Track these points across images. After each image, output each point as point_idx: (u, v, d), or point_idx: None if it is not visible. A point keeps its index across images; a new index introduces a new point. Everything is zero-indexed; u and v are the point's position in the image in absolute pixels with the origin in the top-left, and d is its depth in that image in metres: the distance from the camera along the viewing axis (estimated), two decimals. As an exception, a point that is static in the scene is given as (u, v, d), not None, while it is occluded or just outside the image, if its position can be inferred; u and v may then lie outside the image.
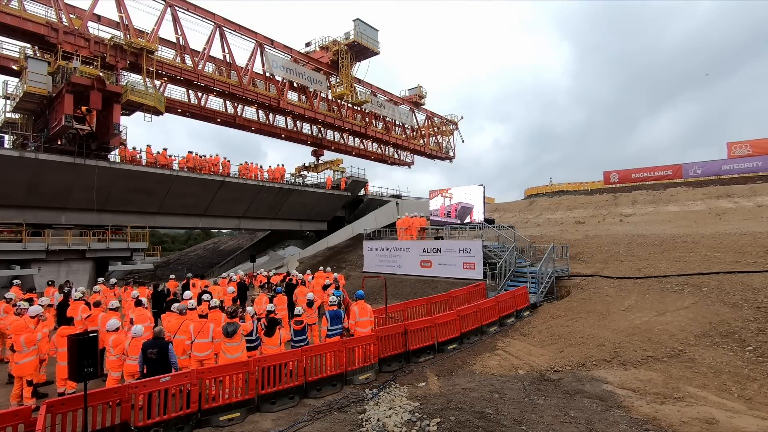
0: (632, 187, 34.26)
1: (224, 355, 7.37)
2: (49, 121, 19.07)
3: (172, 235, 63.68)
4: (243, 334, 7.68)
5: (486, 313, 11.23)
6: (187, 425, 6.10)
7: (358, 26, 29.29)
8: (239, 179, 25.37)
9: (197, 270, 30.90)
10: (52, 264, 19.71)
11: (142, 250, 23.02)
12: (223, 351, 7.42)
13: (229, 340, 7.39)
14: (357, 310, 9.17)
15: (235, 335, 7.41)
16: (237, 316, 7.84)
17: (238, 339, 7.46)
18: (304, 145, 34.89)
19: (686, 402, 6.37)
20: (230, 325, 7.46)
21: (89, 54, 19.08)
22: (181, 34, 22.47)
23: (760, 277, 10.70)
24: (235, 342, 7.42)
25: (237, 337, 7.44)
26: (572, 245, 17.39)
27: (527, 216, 30.07)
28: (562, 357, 8.72)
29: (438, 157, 43.55)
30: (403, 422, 5.86)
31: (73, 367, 4.97)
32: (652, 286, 11.78)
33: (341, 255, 27.10)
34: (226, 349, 7.41)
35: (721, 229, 16.91)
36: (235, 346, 7.42)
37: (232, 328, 7.41)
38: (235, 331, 7.40)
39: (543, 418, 5.83)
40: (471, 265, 16.50)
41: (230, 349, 7.40)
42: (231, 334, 7.37)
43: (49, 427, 5.08)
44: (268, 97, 27.01)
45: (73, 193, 19.86)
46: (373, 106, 33.97)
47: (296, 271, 20.14)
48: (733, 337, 8.39)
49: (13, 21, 17.42)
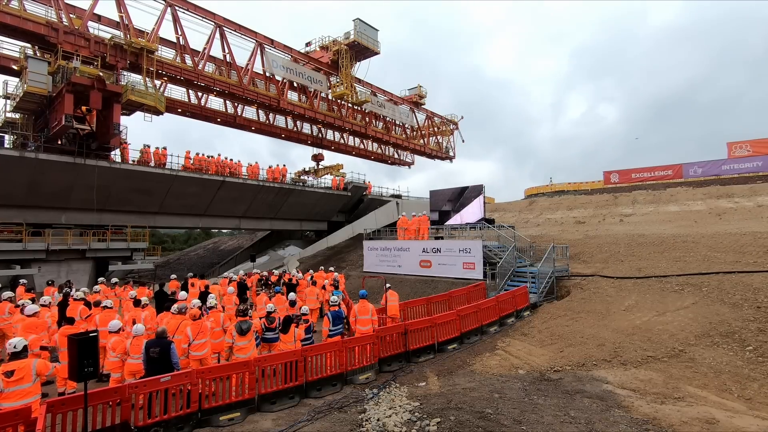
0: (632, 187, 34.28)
1: (235, 354, 7.46)
2: (50, 121, 19.07)
3: (172, 234, 63.71)
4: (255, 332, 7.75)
5: (486, 313, 11.23)
6: (187, 425, 6.10)
7: (358, 26, 29.27)
8: (239, 179, 25.38)
9: (197, 270, 30.88)
10: (52, 264, 19.71)
11: (142, 249, 23.04)
12: (234, 351, 7.52)
13: (241, 339, 7.47)
14: (357, 309, 9.35)
15: (248, 333, 7.49)
16: (248, 315, 7.94)
17: (249, 337, 7.54)
18: (305, 145, 34.91)
19: (686, 402, 6.36)
20: (244, 323, 7.56)
21: (89, 54, 19.08)
22: (181, 34, 22.47)
23: (760, 277, 10.69)
24: (246, 340, 7.51)
25: (249, 335, 7.52)
26: (572, 245, 17.38)
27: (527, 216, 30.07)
28: (562, 357, 8.71)
29: (438, 157, 43.54)
30: (403, 422, 5.86)
31: (73, 367, 4.97)
32: (652, 286, 11.77)
33: (341, 255, 27.09)
34: (237, 348, 7.50)
35: (722, 229, 16.90)
36: (246, 345, 7.51)
37: (246, 326, 7.51)
38: (248, 329, 7.51)
39: (543, 418, 5.83)
40: (471, 265, 16.50)
41: (241, 348, 7.49)
42: (245, 332, 7.47)
43: (49, 427, 5.08)
44: (268, 97, 27.01)
45: (74, 192, 19.86)
46: (373, 106, 33.96)
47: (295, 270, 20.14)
48: (733, 337, 8.38)
49: (13, 21, 17.41)
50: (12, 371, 5.12)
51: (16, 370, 5.14)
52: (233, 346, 7.61)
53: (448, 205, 20.23)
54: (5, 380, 5.05)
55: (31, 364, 5.28)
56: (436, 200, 20.92)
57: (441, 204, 20.60)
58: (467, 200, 19.40)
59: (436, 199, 20.96)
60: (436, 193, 21.11)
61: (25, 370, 5.19)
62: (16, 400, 5.06)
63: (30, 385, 5.23)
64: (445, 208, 20.36)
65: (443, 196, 20.66)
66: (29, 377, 5.21)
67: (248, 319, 7.76)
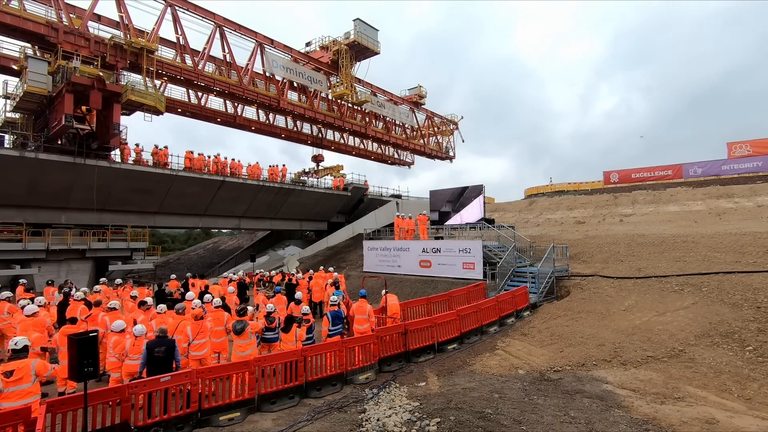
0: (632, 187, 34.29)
1: (235, 353, 7.52)
2: (49, 120, 19.06)
3: (172, 234, 63.70)
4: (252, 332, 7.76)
5: (486, 312, 11.23)
6: (187, 425, 6.10)
7: (358, 26, 29.28)
8: (239, 179, 25.37)
9: (197, 270, 30.85)
10: (52, 264, 19.71)
11: (142, 249, 23.03)
12: (235, 350, 7.56)
13: (238, 338, 7.51)
14: (355, 308, 9.56)
15: (244, 333, 7.52)
16: (246, 315, 7.97)
17: (246, 337, 7.57)
18: (305, 145, 34.92)
19: (686, 402, 6.36)
20: (239, 323, 7.59)
21: (89, 54, 19.07)
22: (181, 34, 22.47)
23: (760, 277, 10.69)
24: (244, 340, 7.55)
25: (245, 335, 7.55)
26: (572, 245, 17.38)
27: (527, 216, 30.07)
28: (562, 357, 8.71)
29: (438, 157, 43.54)
30: (403, 422, 5.86)
31: (73, 367, 4.96)
32: (652, 286, 11.77)
33: (341, 255, 27.09)
34: (236, 347, 7.56)
35: (721, 229, 16.90)
36: (244, 344, 7.56)
37: (240, 326, 7.52)
38: (243, 329, 7.53)
39: (543, 418, 5.83)
40: (471, 265, 16.49)
41: (240, 347, 7.54)
42: (239, 332, 7.50)
43: (49, 427, 5.08)
44: (268, 96, 27.00)
45: (73, 192, 19.86)
46: (373, 106, 33.97)
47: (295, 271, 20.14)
48: (733, 337, 8.38)
49: (13, 21, 17.41)
50: (11, 371, 5.13)
51: (15, 370, 5.14)
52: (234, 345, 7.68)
53: (448, 206, 20.22)
54: (5, 380, 5.06)
55: (30, 364, 5.28)
56: (436, 200, 20.90)
57: (441, 204, 20.59)
58: (467, 200, 19.39)
59: (436, 199, 20.95)
60: (436, 193, 21.10)
61: (24, 370, 5.19)
62: (15, 400, 5.07)
63: (29, 385, 5.23)
64: (445, 208, 20.35)
65: (443, 196, 20.65)
66: (29, 377, 5.21)
67: (244, 319, 7.78)
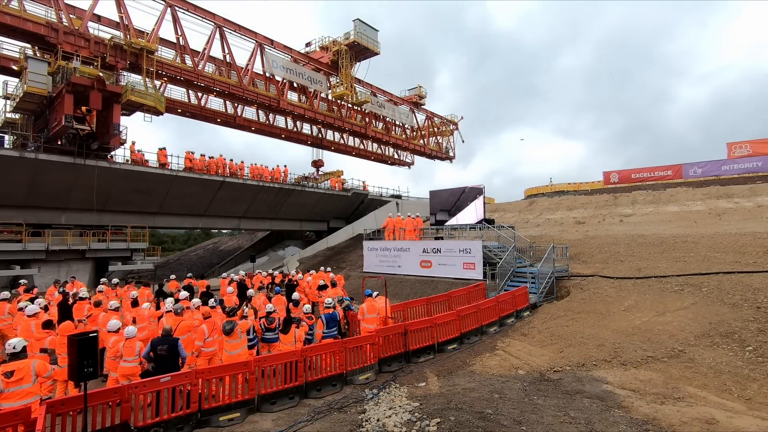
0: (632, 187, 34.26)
1: (225, 352, 7.50)
2: (49, 121, 19.07)
3: (172, 235, 63.68)
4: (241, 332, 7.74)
5: (486, 313, 11.23)
6: (187, 425, 6.10)
7: (358, 26, 29.30)
8: (239, 179, 25.37)
9: (197, 270, 30.85)
10: (52, 264, 19.71)
11: (142, 250, 23.04)
12: (225, 349, 7.54)
13: (229, 338, 7.49)
14: (366, 307, 9.65)
15: (233, 333, 7.50)
16: (235, 315, 7.96)
17: (236, 337, 7.56)
18: (305, 145, 34.92)
19: (686, 402, 6.36)
20: (228, 323, 7.58)
21: (89, 54, 19.08)
22: (181, 35, 22.48)
23: (760, 277, 10.69)
24: (234, 339, 7.53)
25: (235, 334, 7.54)
26: (572, 245, 17.38)
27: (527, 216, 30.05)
28: (562, 357, 8.71)
29: (438, 158, 43.55)
30: (403, 422, 5.86)
31: (73, 367, 4.97)
32: (652, 286, 11.77)
33: (341, 255, 27.08)
34: (226, 346, 7.53)
35: (721, 229, 16.89)
36: (234, 344, 7.54)
37: (230, 326, 7.51)
38: (232, 329, 7.51)
39: (543, 418, 5.84)
40: (471, 266, 16.49)
41: (230, 346, 7.53)
42: (229, 332, 7.49)
43: (49, 427, 5.07)
44: (268, 97, 27.01)
45: (73, 193, 19.86)
46: (373, 106, 33.98)
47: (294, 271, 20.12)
48: (733, 337, 8.38)
49: (13, 21, 17.41)
50: (12, 371, 5.13)
51: (15, 371, 5.15)
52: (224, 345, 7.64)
53: (448, 206, 20.22)
54: (5, 381, 5.06)
55: (30, 364, 5.29)
56: (436, 201, 20.90)
57: (441, 204, 20.59)
58: (467, 201, 19.39)
59: (436, 200, 20.95)
60: (436, 194, 21.08)
61: (24, 371, 5.20)
62: (16, 400, 5.07)
63: (30, 385, 5.23)
64: (445, 208, 20.35)
65: (443, 196, 20.64)
66: (29, 378, 5.21)
67: (233, 319, 7.76)
